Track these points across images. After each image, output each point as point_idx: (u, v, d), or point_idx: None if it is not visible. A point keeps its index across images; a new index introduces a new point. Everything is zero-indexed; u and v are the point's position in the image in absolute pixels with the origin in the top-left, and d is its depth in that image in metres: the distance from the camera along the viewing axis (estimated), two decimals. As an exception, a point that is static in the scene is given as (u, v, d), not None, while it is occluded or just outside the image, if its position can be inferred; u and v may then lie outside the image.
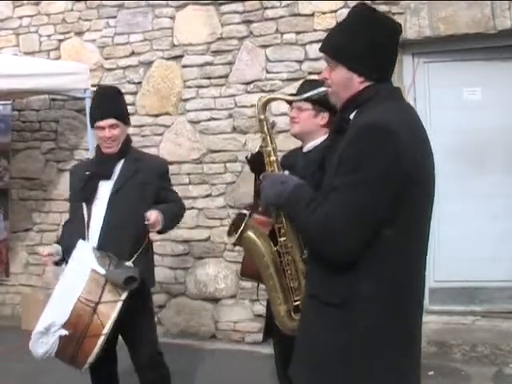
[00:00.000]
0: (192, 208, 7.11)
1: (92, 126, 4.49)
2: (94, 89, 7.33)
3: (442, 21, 6.14)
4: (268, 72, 6.86)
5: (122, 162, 4.41)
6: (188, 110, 7.21)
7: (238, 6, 6.93)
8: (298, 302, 3.00)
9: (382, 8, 6.26)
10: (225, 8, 6.99)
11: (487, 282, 6.39)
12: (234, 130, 7.00)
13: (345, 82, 2.66)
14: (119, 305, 3.95)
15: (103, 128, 4.33)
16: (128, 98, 7.28)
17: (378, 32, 2.61)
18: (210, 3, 7.05)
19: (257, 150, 4.02)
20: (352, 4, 6.29)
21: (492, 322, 6.19)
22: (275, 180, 2.75)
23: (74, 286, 3.90)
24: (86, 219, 4.27)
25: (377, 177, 2.41)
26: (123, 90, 7.27)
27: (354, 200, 2.43)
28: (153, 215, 4.17)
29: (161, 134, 7.35)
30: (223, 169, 7.08)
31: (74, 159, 7.51)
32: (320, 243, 2.50)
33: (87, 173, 4.37)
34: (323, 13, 6.58)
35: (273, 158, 2.98)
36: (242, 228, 3.09)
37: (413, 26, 6.22)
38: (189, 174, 7.21)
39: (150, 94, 7.35)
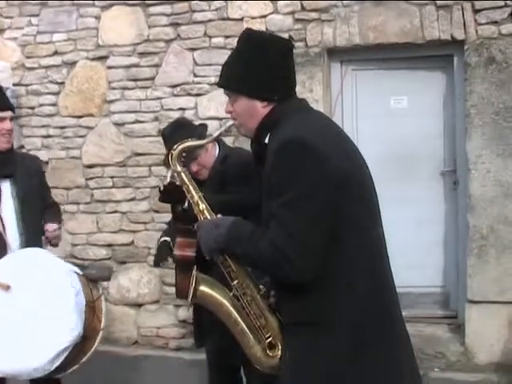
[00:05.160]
0: (115, 212, 7.01)
1: None
2: (16, 88, 7.17)
3: (371, 29, 6.21)
4: (196, 75, 6.79)
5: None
6: (112, 111, 7.06)
7: (166, 8, 6.82)
8: (270, 339, 2.90)
9: (312, 15, 6.31)
10: (152, 9, 6.87)
11: (411, 287, 6.44)
12: (160, 133, 6.88)
13: (249, 112, 2.65)
14: (103, 298, 4.10)
15: (4, 120, 4.15)
16: (50, 99, 7.17)
17: (270, 54, 2.61)
18: (137, 4, 6.93)
19: (168, 180, 4.03)
20: (282, 10, 6.37)
21: (416, 327, 6.25)
22: (209, 226, 2.67)
23: (62, 296, 3.74)
24: None
25: (309, 189, 2.39)
26: (45, 90, 7.21)
27: (294, 219, 2.39)
28: (56, 237, 4.22)
29: (84, 136, 7.15)
30: (148, 172, 6.96)
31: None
32: (275, 271, 2.45)
33: None
34: (253, 18, 6.55)
35: (202, 206, 2.86)
36: (193, 285, 2.97)
37: (342, 34, 6.25)
38: (112, 177, 7.07)
39: (73, 95, 7.15)
